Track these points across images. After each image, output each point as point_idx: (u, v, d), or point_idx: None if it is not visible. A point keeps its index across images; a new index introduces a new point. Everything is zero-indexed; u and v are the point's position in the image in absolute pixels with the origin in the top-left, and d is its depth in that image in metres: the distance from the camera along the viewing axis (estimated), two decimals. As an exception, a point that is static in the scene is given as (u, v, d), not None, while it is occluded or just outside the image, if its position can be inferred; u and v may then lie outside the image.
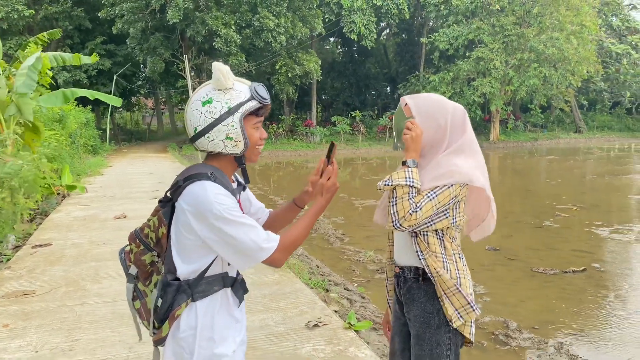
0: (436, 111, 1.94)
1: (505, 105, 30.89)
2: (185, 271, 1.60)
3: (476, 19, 29.84)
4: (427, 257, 1.90)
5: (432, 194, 1.84)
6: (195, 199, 1.52)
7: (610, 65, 38.20)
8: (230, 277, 1.68)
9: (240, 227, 1.52)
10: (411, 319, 1.98)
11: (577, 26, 28.40)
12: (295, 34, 24.97)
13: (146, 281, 1.73)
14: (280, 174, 19.52)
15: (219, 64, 1.57)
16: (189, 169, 1.64)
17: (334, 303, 4.51)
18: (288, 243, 1.60)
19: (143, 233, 1.71)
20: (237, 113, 1.56)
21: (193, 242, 1.57)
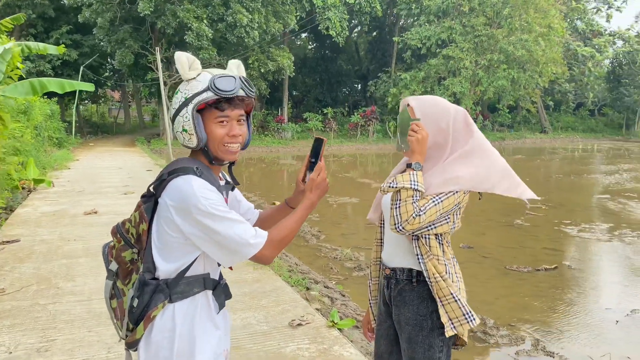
0: (438, 114, 1.92)
1: (474, 104, 31.39)
2: (164, 270, 1.54)
3: (447, 19, 30.21)
4: (427, 261, 1.87)
5: (437, 199, 1.82)
6: (179, 194, 1.46)
7: (575, 67, 39.26)
8: (211, 279, 1.62)
9: (227, 222, 1.46)
10: (402, 321, 1.95)
11: (545, 28, 29.07)
12: (269, 30, 24.78)
13: (125, 279, 1.65)
14: (251, 170, 19.38)
15: (180, 54, 1.51)
16: (174, 162, 1.58)
17: (316, 301, 4.48)
18: (277, 239, 1.54)
19: (124, 228, 1.63)
20: (191, 104, 1.50)
21: (175, 239, 1.51)
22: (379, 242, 2.19)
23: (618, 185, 14.94)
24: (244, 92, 1.54)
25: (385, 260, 2.05)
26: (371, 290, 2.24)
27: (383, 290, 2.07)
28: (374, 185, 13.88)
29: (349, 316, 4.27)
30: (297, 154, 25.53)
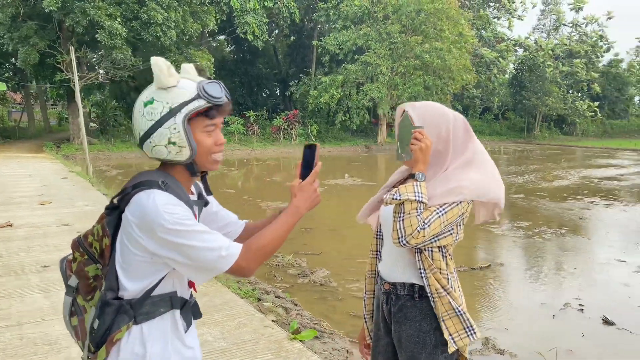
0: (438, 120, 1.86)
1: (391, 109, 32.37)
2: (129, 290, 1.41)
3: (364, 25, 30.94)
4: (430, 275, 1.81)
5: (441, 210, 1.76)
6: (141, 210, 1.34)
7: (482, 73, 41.65)
8: (179, 297, 1.50)
9: (195, 235, 1.34)
10: (402, 339, 1.87)
11: (457, 36, 30.59)
12: (187, 30, 24.02)
13: (87, 296, 1.50)
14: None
15: (158, 59, 1.38)
16: (139, 175, 1.45)
17: (270, 313, 4.34)
18: (254, 248, 1.41)
19: (87, 241, 1.48)
20: (180, 114, 1.37)
21: (140, 257, 1.38)
22: (374, 255, 2.12)
23: (529, 184, 15.96)
24: (227, 97, 1.44)
25: (385, 274, 1.97)
26: (366, 304, 2.16)
27: (381, 306, 1.98)
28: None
29: (306, 326, 4.17)
30: (218, 158, 24.93)
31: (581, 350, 4.42)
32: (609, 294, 5.81)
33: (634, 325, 4.87)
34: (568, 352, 4.31)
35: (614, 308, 5.30)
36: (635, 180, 17.19)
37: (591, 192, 14.02)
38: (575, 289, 5.96)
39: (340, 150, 30.20)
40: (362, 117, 31.22)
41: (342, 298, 5.62)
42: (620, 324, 4.89)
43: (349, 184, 15.21)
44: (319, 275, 6.20)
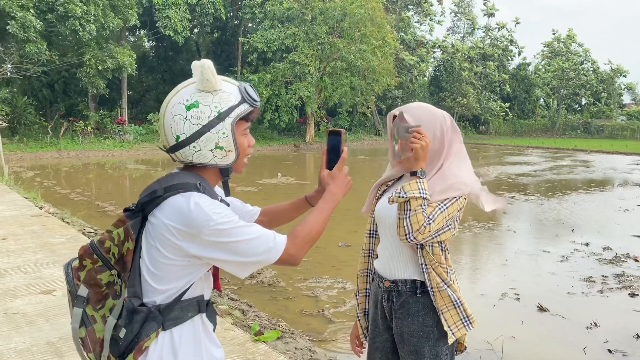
0: (433, 120, 1.94)
1: (319, 108, 32.68)
2: (156, 295, 1.39)
3: (291, 25, 31.00)
4: (431, 270, 1.88)
5: (443, 205, 1.84)
6: (183, 216, 1.32)
7: (403, 75, 43.06)
8: (205, 300, 1.50)
9: (242, 230, 1.35)
10: (404, 334, 1.94)
11: (380, 41, 31.41)
12: (107, 24, 22.92)
13: (97, 305, 1.44)
14: (90, 176, 17.73)
15: (206, 62, 1.37)
16: (170, 177, 1.42)
17: (228, 315, 4.27)
18: (301, 235, 1.44)
19: (103, 247, 1.42)
20: (229, 118, 1.38)
21: (174, 262, 1.37)
22: (367, 253, 2.16)
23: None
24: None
25: (384, 272, 2.01)
26: (359, 303, 2.19)
27: (380, 304, 2.02)
28: (238, 189, 13.67)
29: (266, 327, 4.15)
30: (142, 157, 24.03)
31: (523, 336, 4.72)
32: (539, 283, 6.24)
33: (565, 311, 5.27)
34: (512, 339, 4.58)
35: (545, 295, 5.70)
36: (548, 175, 18.51)
37: (510, 188, 14.92)
38: (509, 279, 6.34)
39: (270, 150, 30.08)
40: (291, 115, 31.28)
41: (292, 297, 5.63)
42: (553, 310, 5.27)
43: (283, 183, 15.21)
44: (266, 276, 6.17)
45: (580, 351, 4.37)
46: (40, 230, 7.10)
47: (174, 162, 1.48)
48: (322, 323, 4.93)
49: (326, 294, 5.68)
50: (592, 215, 10.98)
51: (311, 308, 5.29)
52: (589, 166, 22.78)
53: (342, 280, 6.11)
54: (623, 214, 11.00)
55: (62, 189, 13.51)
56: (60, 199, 11.71)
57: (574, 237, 8.48)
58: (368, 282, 2.16)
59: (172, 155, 1.43)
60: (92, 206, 10.96)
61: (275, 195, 12.94)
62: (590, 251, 7.59)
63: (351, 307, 5.34)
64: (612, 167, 22.57)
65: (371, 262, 2.13)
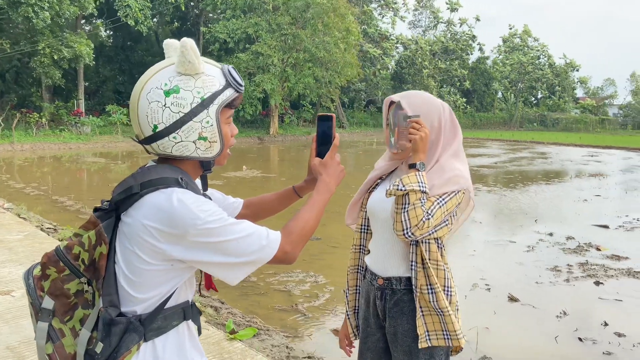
0: (431, 110, 1.86)
1: (283, 100, 32.42)
2: (137, 304, 1.25)
3: (254, 15, 30.58)
4: (420, 269, 1.79)
5: (442, 200, 1.77)
6: (167, 214, 1.18)
7: (366, 68, 43.20)
8: (190, 305, 1.38)
9: (232, 228, 1.23)
10: (398, 333, 1.86)
11: (344, 32, 31.36)
12: (62, 12, 21.99)
13: (65, 316, 1.28)
14: (51, 170, 17.06)
15: (187, 41, 1.23)
16: (147, 171, 1.27)
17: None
18: (296, 231, 1.32)
19: (71, 253, 1.26)
20: (213, 105, 1.25)
21: (156, 267, 1.23)
22: (358, 249, 2.07)
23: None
24: None
25: (377, 269, 1.92)
26: (349, 300, 2.11)
27: (373, 302, 1.94)
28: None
29: (241, 325, 4.03)
30: (100, 150, 23.26)
31: (496, 326, 4.76)
32: (508, 273, 6.33)
33: (535, 300, 5.35)
34: (485, 329, 4.61)
35: (515, 285, 5.78)
36: (508, 167, 18.93)
37: (473, 180, 15.10)
38: (479, 270, 6.40)
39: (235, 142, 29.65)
40: (255, 108, 30.92)
41: (264, 292, 5.52)
42: (524, 300, 5.34)
43: (249, 176, 15.00)
44: (236, 271, 6.03)
45: (552, 340, 4.43)
46: (-6, 227, 6.74)
47: (149, 154, 1.33)
48: (297, 318, 4.84)
49: (299, 288, 5.60)
50: (553, 205, 11.26)
51: (284, 303, 5.20)
52: (547, 158, 23.44)
53: (314, 274, 6.03)
54: (582, 204, 11.33)
55: (16, 183, 12.91)
56: (15, 193, 11.18)
57: (538, 227, 8.67)
58: (359, 278, 2.08)
59: (147, 147, 1.28)
60: (49, 201, 10.51)
61: (242, 188, 12.73)
62: (554, 241, 7.76)
63: (324, 300, 5.28)
64: (569, 158, 23.30)
65: (362, 258, 2.05)
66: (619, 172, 18.14)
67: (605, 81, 68.45)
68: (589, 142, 33.10)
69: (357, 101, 48.07)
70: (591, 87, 67.50)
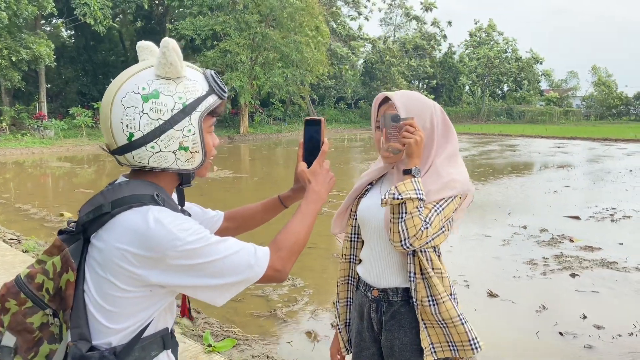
0: (423, 110, 1.76)
1: (252, 98, 32.13)
2: (111, 335, 1.13)
3: (222, 13, 30.18)
4: (420, 281, 1.71)
5: (439, 207, 1.67)
6: (143, 236, 1.07)
7: (335, 65, 43.20)
8: (169, 333, 1.26)
9: (216, 248, 1.12)
10: (395, 347, 1.76)
11: (314, 30, 31.25)
12: (20, 12, 21.23)
13: (29, 353, 1.16)
14: (13, 176, 16.45)
15: (170, 41, 1.12)
16: (119, 188, 1.15)
17: (175, 324, 3.96)
18: (287, 246, 1.22)
19: (33, 283, 1.13)
20: (196, 112, 1.14)
21: (133, 294, 1.11)
22: (348, 259, 1.95)
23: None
24: None
25: (371, 280, 1.81)
26: (339, 313, 1.99)
27: (367, 314, 1.83)
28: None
29: (218, 335, 3.88)
30: (65, 154, 22.57)
31: (477, 324, 4.62)
32: (485, 268, 6.33)
33: (514, 295, 5.35)
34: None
35: (493, 281, 5.78)
36: (479, 160, 19.14)
37: (446, 174, 15.25)
38: (457, 265, 6.36)
39: (202, 142, 29.24)
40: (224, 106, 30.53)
41: (240, 299, 5.35)
42: (503, 295, 5.33)
43: (220, 177, 14.74)
44: (211, 277, 5.86)
45: (534, 335, 4.42)
46: (-48, 240, 6.39)
47: (121, 165, 1.20)
48: (275, 324, 4.71)
49: (276, 293, 5.47)
50: (525, 197, 11.40)
51: (262, 309, 5.06)
52: (515, 150, 23.81)
53: (292, 277, 5.91)
54: (553, 195, 11.49)
55: (-24, 191, 12.38)
56: (-25, 202, 10.71)
57: (512, 220, 8.73)
58: (349, 290, 1.97)
59: (120, 157, 1.15)
60: (11, 209, 10.08)
61: (213, 190, 12.49)
62: (528, 234, 7.82)
63: (303, 304, 5.17)
64: (537, 150, 23.71)
65: (353, 268, 1.94)
66: (586, 162, 18.54)
67: (569, 74, 70.17)
68: (554, 134, 33.81)
69: (327, 98, 48.05)
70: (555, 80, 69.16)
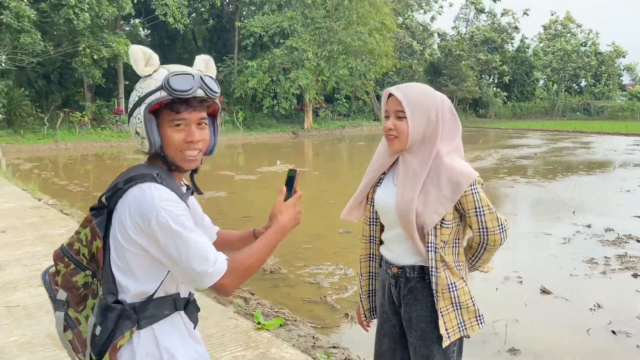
0: (428, 102, 1.86)
1: (317, 94, 32.49)
2: (130, 291, 1.36)
3: (290, 10, 30.71)
4: (439, 250, 1.87)
5: (482, 210, 1.96)
6: (138, 205, 1.30)
7: (403, 59, 42.76)
8: (182, 298, 1.46)
9: (188, 242, 1.30)
10: (413, 319, 1.91)
11: (378, 23, 31.13)
12: (101, 13, 22.65)
13: (79, 307, 1.43)
14: (93, 168, 17.67)
15: (135, 47, 1.37)
16: (131, 169, 1.41)
17: (230, 304, 4.25)
18: (241, 267, 1.36)
19: (73, 249, 1.41)
20: (143, 104, 1.35)
21: (138, 256, 1.34)
22: (368, 239, 2.11)
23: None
24: (204, 92, 1.38)
25: (391, 258, 1.98)
26: (362, 285, 2.17)
27: (389, 289, 2.00)
28: (237, 178, 13.62)
29: (269, 315, 4.12)
30: (141, 148, 23.87)
31: (525, 319, 4.69)
32: (542, 266, 6.21)
33: (568, 293, 5.24)
34: (515, 322, 4.56)
35: (548, 278, 5.67)
36: (549, 158, 18.45)
37: (511, 171, 14.87)
38: (512, 262, 6.30)
39: (268, 137, 29.97)
40: (290, 102, 31.13)
41: (294, 284, 5.60)
42: (556, 293, 5.24)
43: (282, 170, 15.14)
44: (267, 263, 6.14)
45: (584, 333, 4.34)
46: (39, 222, 7.06)
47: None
48: (325, 310, 4.90)
49: (328, 281, 5.66)
50: (594, 196, 10.94)
51: (313, 295, 5.27)
52: (590, 147, 22.71)
53: (344, 267, 6.08)
54: (624, 194, 10.96)
55: (60, 180, 13.46)
56: (59, 190, 11.66)
57: (576, 219, 8.44)
58: (371, 265, 2.13)
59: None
60: (90, 197, 10.90)
61: (275, 183, 12.88)
62: (592, 232, 7.56)
63: (353, 292, 5.32)
64: (613, 148, 22.49)
65: (373, 247, 2.09)
66: (666, 161, 17.41)
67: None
68: (635, 131, 31.79)
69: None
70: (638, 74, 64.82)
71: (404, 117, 1.84)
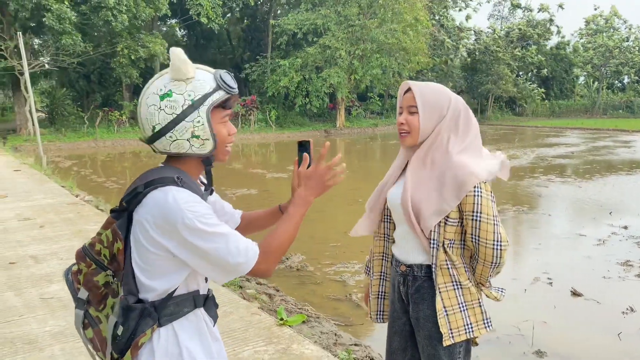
0: (440, 99, 1.88)
1: (349, 93, 32.43)
2: (151, 291, 1.39)
3: (324, 7, 30.76)
4: (441, 248, 1.86)
5: (491, 218, 1.86)
6: (161, 209, 1.32)
7: (436, 57, 42.24)
8: (201, 295, 1.50)
9: (217, 238, 1.33)
10: (420, 318, 1.92)
11: (412, 19, 30.83)
12: (139, 14, 23.20)
13: (99, 305, 1.47)
14: (130, 165, 18.15)
15: (177, 50, 1.36)
16: (150, 172, 1.43)
17: (254, 300, 4.31)
18: (271, 249, 1.41)
19: (94, 250, 1.45)
20: (203, 106, 1.36)
21: (161, 257, 1.36)
22: (381, 237, 2.13)
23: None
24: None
25: (400, 257, 1.99)
26: (372, 285, 2.18)
27: (398, 287, 2.01)
28: (268, 176, 13.75)
29: (292, 311, 4.17)
30: (176, 146, 24.33)
31: (554, 321, 4.60)
32: (574, 267, 6.07)
33: (600, 296, 5.11)
34: (542, 323, 4.48)
35: (580, 280, 5.54)
36: (587, 157, 17.93)
37: (547, 170, 14.53)
38: (542, 263, 6.18)
39: (301, 135, 30.06)
40: (322, 100, 31.16)
41: (320, 282, 5.64)
42: (588, 295, 5.12)
43: (313, 168, 15.19)
44: (294, 261, 6.20)
45: (615, 336, 4.24)
46: (75, 218, 7.31)
47: (156, 153, 1.48)
48: (349, 308, 4.93)
49: (354, 279, 5.67)
50: (632, 197, 10.59)
51: (338, 293, 5.30)
52: (630, 147, 21.95)
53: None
54: (665, 195, 10.57)
55: (97, 177, 13.87)
56: (96, 187, 12.03)
57: (612, 220, 8.20)
58: (384, 265, 2.14)
59: (151, 146, 1.44)
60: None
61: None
62: (628, 234, 7.33)
63: (379, 291, 5.32)
64: (656, 147, 21.70)
65: (387, 246, 2.11)
66: None
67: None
68: (680, 129, 30.57)
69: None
70: (685, 70, 62.13)
71: (416, 112, 1.88)
